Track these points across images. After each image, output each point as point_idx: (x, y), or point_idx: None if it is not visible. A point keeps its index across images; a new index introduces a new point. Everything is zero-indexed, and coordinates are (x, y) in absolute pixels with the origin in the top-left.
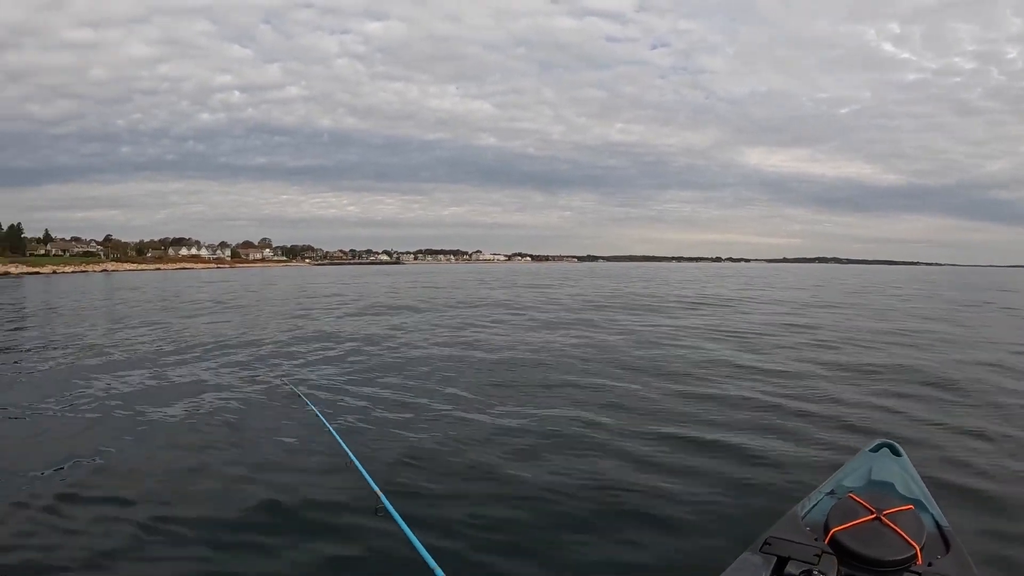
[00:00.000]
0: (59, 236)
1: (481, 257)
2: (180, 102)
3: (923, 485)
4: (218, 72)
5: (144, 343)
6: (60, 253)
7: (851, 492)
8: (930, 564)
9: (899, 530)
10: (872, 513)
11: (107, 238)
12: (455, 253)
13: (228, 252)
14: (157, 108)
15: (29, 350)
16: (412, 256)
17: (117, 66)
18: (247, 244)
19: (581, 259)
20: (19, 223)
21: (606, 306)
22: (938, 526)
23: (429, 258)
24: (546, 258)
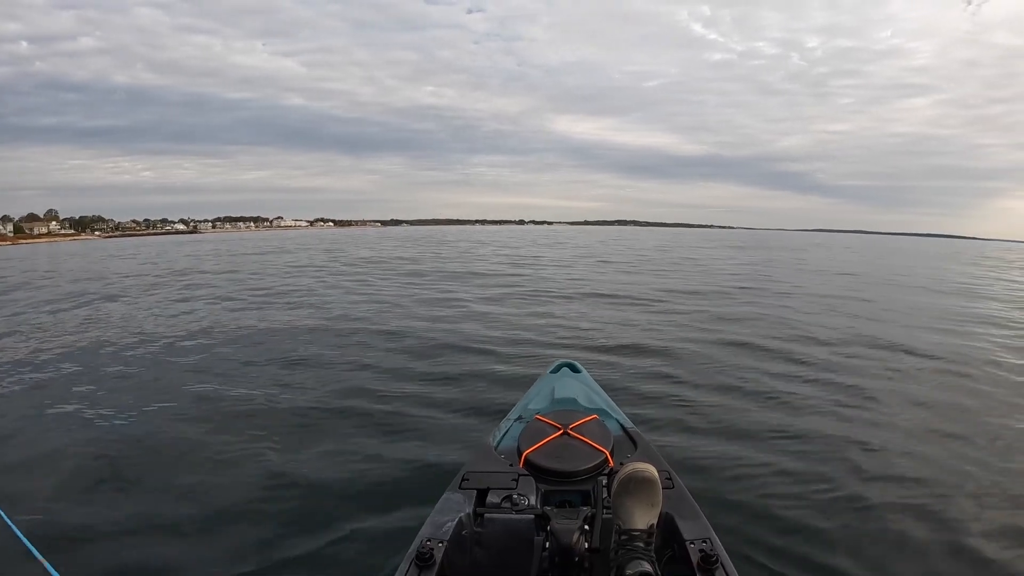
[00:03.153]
0: None
1: (282, 223)
2: None
3: (605, 395)
4: (5, 20)
5: None
6: None
7: (537, 414)
8: (621, 464)
9: (587, 439)
10: (559, 429)
11: None
12: (255, 220)
13: (10, 228)
14: None
15: None
16: (210, 224)
17: None
18: (32, 217)
19: (385, 223)
20: None
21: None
22: (624, 429)
23: (228, 226)
24: (349, 223)
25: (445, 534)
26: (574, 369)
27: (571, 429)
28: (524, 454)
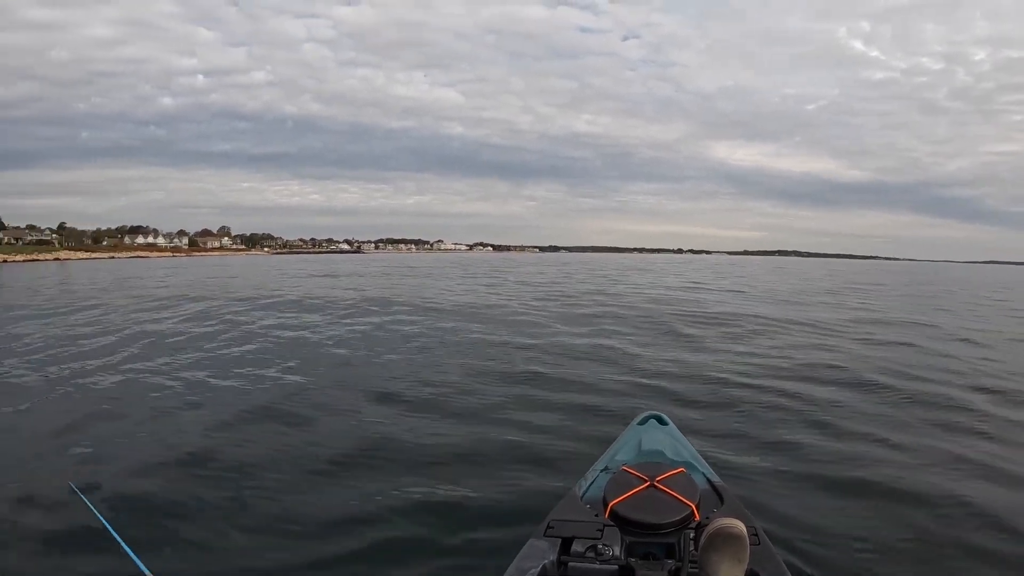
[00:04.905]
0: (12, 224)
1: (443, 247)
2: (142, 85)
3: (692, 448)
4: (182, 55)
5: None
6: (12, 242)
7: (624, 465)
8: (707, 518)
9: (673, 493)
10: (646, 481)
11: (61, 226)
12: (416, 242)
13: (185, 241)
14: (118, 91)
15: None
16: (373, 245)
17: (78, 47)
18: (205, 232)
19: (543, 249)
20: None
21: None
22: (711, 484)
23: (390, 247)
24: (507, 248)
25: None
26: (661, 421)
27: (658, 481)
28: (610, 504)
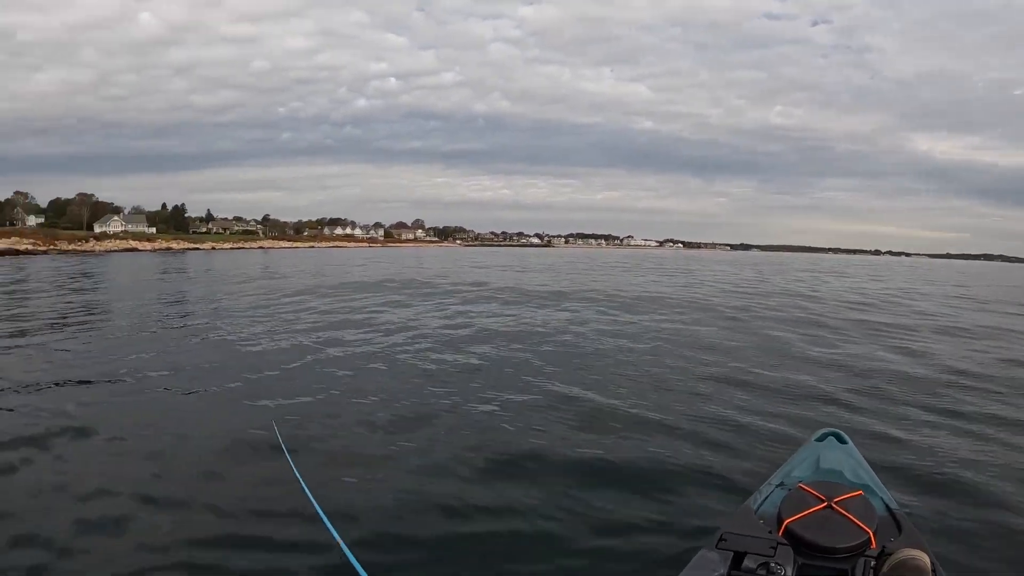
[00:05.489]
0: (220, 216)
1: (632, 242)
2: (338, 90)
3: (871, 471)
4: (373, 60)
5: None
6: (221, 231)
7: (801, 482)
8: (884, 547)
9: (851, 516)
10: (823, 501)
11: (265, 217)
12: (606, 238)
13: (381, 232)
14: (315, 96)
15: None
16: (563, 240)
17: (276, 57)
18: (400, 225)
19: (733, 247)
20: (183, 204)
21: None
22: (889, 509)
23: (580, 242)
24: (697, 245)
25: None
26: (840, 439)
27: (835, 503)
28: (784, 522)
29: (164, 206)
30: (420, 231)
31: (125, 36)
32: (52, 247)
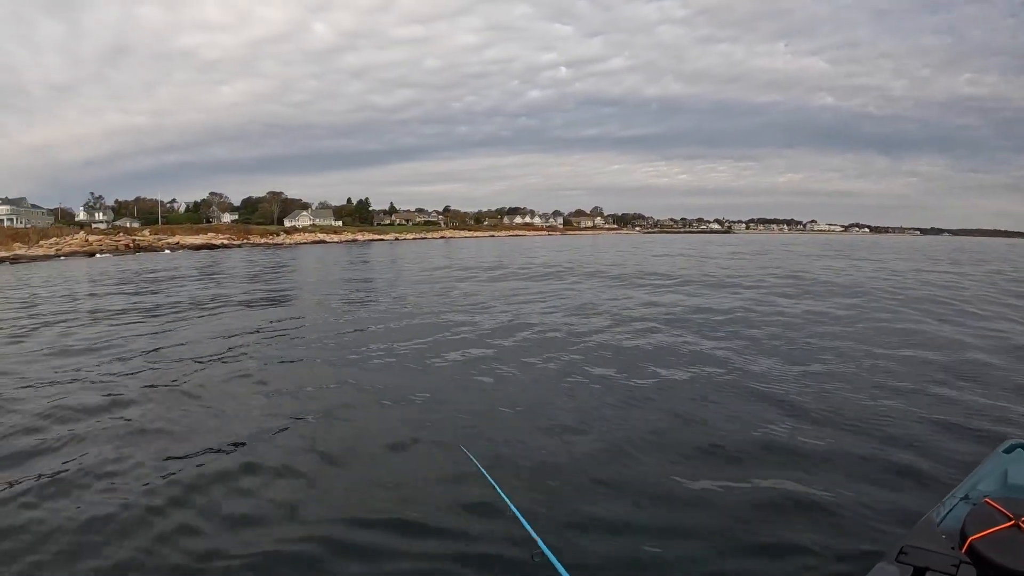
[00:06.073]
0: (403, 208)
1: (816, 227)
2: (510, 82)
3: None
4: (542, 51)
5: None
6: (403, 223)
7: (987, 497)
8: None
9: None
10: (1011, 520)
11: (446, 208)
12: (788, 223)
13: (560, 220)
14: (489, 89)
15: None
16: (744, 225)
17: (448, 55)
18: (579, 212)
19: (924, 231)
20: (367, 198)
21: None
22: None
23: (761, 227)
24: (885, 229)
25: None
26: None
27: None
28: (969, 539)
29: (349, 200)
30: (599, 218)
31: (302, 46)
32: (246, 241)
